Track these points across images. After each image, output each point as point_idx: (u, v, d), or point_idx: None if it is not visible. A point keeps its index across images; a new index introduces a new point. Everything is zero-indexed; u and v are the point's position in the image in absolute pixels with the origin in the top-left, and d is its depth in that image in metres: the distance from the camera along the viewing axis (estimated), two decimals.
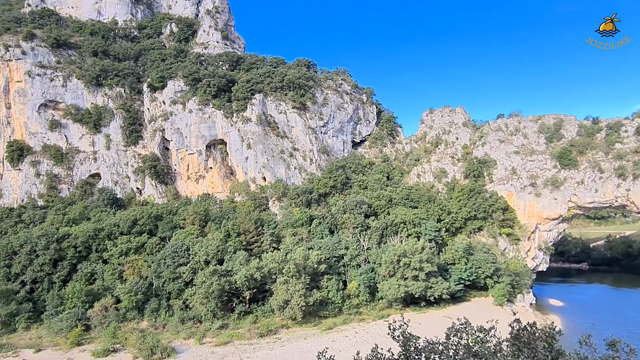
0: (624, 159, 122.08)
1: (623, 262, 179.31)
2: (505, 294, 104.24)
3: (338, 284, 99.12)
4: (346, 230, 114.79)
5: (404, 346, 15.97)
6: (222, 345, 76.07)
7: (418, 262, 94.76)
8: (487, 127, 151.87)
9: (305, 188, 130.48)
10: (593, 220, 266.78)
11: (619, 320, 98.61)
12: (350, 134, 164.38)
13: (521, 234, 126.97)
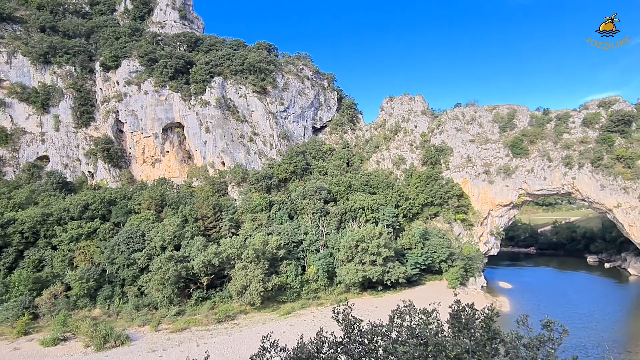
0: (570, 148, 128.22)
1: (567, 246, 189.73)
2: (459, 277, 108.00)
3: (297, 269, 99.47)
4: (305, 215, 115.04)
5: (346, 330, 16.08)
6: (179, 332, 74.92)
7: (376, 247, 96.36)
8: (445, 115, 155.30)
9: (265, 173, 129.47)
10: (541, 206, 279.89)
11: (562, 301, 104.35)
12: (311, 120, 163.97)
13: (475, 219, 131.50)
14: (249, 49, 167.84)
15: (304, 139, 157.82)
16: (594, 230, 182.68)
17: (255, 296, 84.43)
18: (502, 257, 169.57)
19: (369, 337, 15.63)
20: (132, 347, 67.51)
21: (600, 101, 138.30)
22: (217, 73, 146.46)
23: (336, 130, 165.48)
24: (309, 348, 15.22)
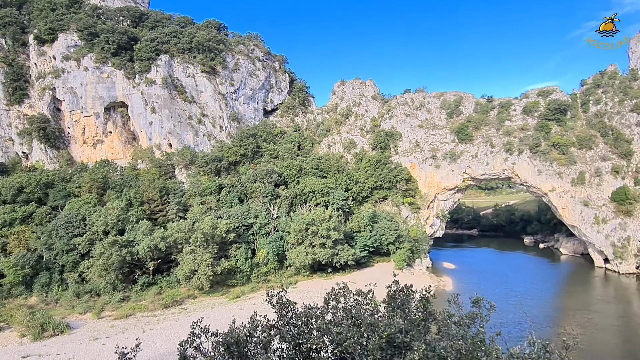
0: (511, 135, 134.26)
1: (507, 228, 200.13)
2: (405, 259, 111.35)
3: (247, 252, 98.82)
4: (256, 199, 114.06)
5: (279, 313, 16.03)
6: (123, 318, 72.76)
7: (325, 230, 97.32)
8: (395, 101, 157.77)
9: (214, 156, 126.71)
10: (484, 190, 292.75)
11: (501, 280, 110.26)
12: (262, 102, 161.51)
13: (422, 202, 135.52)
14: (198, 27, 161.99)
15: (254, 121, 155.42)
16: (531, 213, 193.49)
17: (204, 280, 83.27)
18: (446, 239, 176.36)
19: (304, 319, 15.62)
20: (72, 336, 64.86)
21: (539, 90, 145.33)
22: (164, 51, 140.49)
23: (287, 113, 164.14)
24: (239, 332, 14.98)
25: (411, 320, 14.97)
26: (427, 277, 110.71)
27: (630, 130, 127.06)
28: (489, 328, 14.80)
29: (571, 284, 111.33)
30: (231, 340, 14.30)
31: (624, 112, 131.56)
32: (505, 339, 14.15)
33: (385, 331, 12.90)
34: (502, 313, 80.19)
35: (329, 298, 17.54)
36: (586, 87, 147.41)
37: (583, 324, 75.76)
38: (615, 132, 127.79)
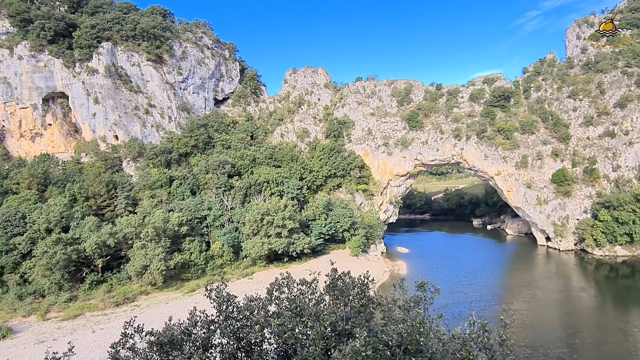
0: (459, 121, 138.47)
1: (457, 211, 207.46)
2: (360, 245, 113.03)
3: (201, 245, 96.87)
4: (209, 190, 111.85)
5: (218, 307, 15.63)
6: (71, 319, 69.55)
7: (281, 219, 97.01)
8: (347, 89, 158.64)
9: (164, 147, 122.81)
10: (435, 175, 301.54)
11: (452, 262, 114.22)
12: (212, 91, 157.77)
13: (375, 189, 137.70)
14: (142, 13, 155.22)
15: (205, 111, 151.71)
16: (479, 196, 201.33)
17: (157, 275, 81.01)
18: (400, 224, 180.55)
19: (246, 312, 15.33)
20: (15, 340, 61.39)
21: (484, 78, 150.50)
22: (106, 38, 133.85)
23: (239, 102, 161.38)
24: (173, 331, 14.37)
25: (353, 308, 15.03)
26: (382, 262, 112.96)
27: (568, 115, 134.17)
28: (440, 309, 15.30)
29: (516, 263, 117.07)
30: (164, 339, 13.68)
31: (562, 98, 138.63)
32: (450, 320, 14.47)
33: (327, 320, 12.87)
34: (453, 294, 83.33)
35: (272, 289, 17.29)
36: (527, 75, 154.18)
37: (528, 299, 79.93)
38: (554, 117, 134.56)
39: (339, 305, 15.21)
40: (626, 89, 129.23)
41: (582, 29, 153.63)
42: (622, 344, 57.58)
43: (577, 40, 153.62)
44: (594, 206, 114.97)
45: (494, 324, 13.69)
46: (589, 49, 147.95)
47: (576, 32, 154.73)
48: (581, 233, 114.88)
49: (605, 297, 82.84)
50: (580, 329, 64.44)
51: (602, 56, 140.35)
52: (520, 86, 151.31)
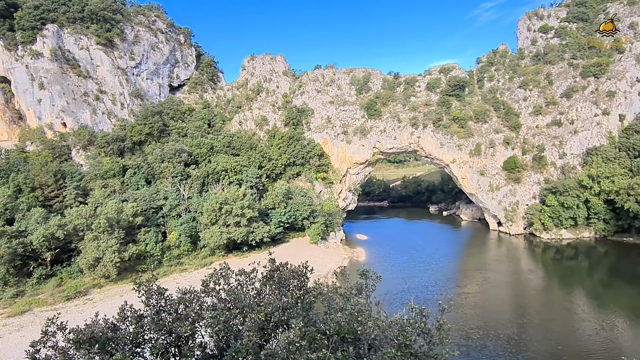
0: (416, 110, 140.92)
1: (414, 198, 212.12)
2: (320, 232, 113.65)
3: (157, 235, 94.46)
4: (165, 179, 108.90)
5: (147, 302, 15.10)
6: (18, 315, 66.39)
7: (240, 208, 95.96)
8: (306, 77, 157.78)
9: (116, 135, 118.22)
10: (393, 163, 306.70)
11: (409, 247, 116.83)
12: (167, 78, 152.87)
13: (334, 177, 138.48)
14: None
15: (159, 97, 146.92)
16: (435, 183, 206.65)
17: (110, 268, 78.37)
18: (359, 211, 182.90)
19: (180, 306, 14.90)
20: None
21: (441, 67, 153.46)
22: (51, 20, 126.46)
23: (195, 89, 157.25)
24: (94, 328, 13.66)
25: (292, 298, 14.94)
26: (341, 249, 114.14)
27: (519, 105, 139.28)
28: (396, 295, 15.46)
29: (470, 247, 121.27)
30: (84, 337, 13.00)
31: (513, 88, 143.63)
32: (404, 306, 14.65)
33: (262, 311, 12.74)
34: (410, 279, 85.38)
35: (208, 281, 16.80)
36: (481, 65, 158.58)
37: (481, 282, 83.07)
38: (506, 107, 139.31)
39: (277, 296, 15.05)
40: (572, 80, 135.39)
41: (532, 22, 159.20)
42: (566, 322, 60.92)
43: (527, 32, 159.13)
44: (542, 192, 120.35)
45: (430, 310, 14.00)
46: (539, 40, 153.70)
47: (527, 24, 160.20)
48: (530, 218, 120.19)
49: (552, 278, 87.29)
50: (529, 309, 67.66)
51: (551, 48, 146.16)
52: (475, 76, 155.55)
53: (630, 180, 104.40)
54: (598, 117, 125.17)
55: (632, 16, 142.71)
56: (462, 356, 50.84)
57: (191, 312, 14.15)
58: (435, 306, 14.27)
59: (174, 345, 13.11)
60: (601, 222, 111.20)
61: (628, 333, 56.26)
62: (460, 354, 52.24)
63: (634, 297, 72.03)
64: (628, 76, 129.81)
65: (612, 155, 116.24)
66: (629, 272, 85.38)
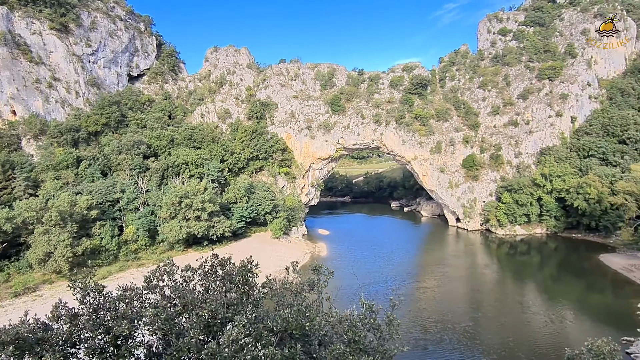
0: (380, 107, 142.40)
1: (376, 194, 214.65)
2: (282, 227, 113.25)
3: (113, 229, 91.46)
4: (122, 172, 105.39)
5: (82, 300, 14.38)
6: None
7: (200, 202, 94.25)
8: (270, 70, 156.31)
9: (70, 125, 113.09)
10: (356, 159, 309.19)
11: (370, 242, 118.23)
12: (126, 67, 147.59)
13: (297, 172, 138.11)
14: None
15: (117, 87, 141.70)
16: (397, 179, 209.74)
17: (62, 263, 75.43)
18: (322, 207, 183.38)
19: (120, 303, 14.29)
20: None
21: (404, 65, 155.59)
22: (0, 2, 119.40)
23: (156, 79, 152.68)
24: (19, 329, 12.80)
25: (238, 293, 14.59)
26: (303, 244, 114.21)
27: (478, 105, 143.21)
28: (357, 290, 15.33)
29: (430, 243, 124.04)
30: (7, 338, 12.15)
31: (473, 88, 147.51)
32: (351, 301, 14.62)
33: (206, 308, 12.39)
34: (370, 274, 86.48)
35: (151, 277, 16.09)
36: (443, 64, 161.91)
37: (439, 277, 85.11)
38: (466, 106, 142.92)
39: (223, 292, 14.66)
40: (528, 82, 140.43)
41: (492, 24, 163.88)
42: (518, 315, 63.31)
43: (487, 34, 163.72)
44: (498, 189, 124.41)
45: (380, 306, 13.96)
46: (498, 42, 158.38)
47: (487, 27, 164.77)
48: (486, 214, 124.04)
49: (505, 272, 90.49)
50: (484, 303, 69.90)
51: (509, 50, 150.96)
52: (437, 75, 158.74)
53: (579, 180, 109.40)
54: (552, 118, 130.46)
55: (584, 22, 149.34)
56: (419, 349, 51.91)
57: (128, 310, 13.48)
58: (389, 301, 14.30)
59: (112, 345, 12.50)
60: (552, 219, 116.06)
61: (575, 325, 59.08)
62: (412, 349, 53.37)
63: (580, 290, 75.74)
64: (580, 80, 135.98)
65: (563, 155, 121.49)
66: (577, 266, 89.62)
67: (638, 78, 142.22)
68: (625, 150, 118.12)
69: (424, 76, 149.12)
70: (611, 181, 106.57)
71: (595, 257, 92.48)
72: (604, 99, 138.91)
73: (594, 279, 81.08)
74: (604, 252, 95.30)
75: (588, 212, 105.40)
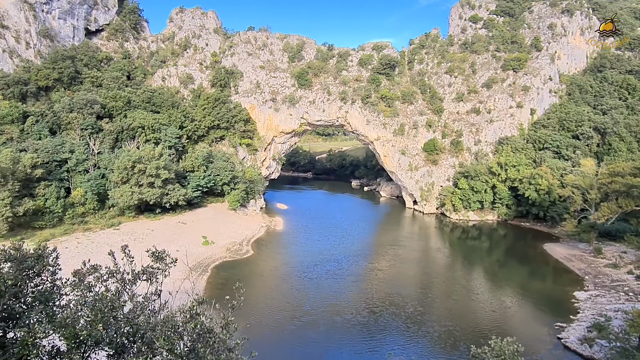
0: (347, 85, 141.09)
1: (338, 172, 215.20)
2: (240, 199, 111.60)
3: (59, 191, 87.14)
4: (73, 131, 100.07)
5: None
6: None
7: (155, 168, 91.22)
8: (238, 37, 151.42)
9: (18, 77, 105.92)
10: (321, 136, 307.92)
11: (329, 219, 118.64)
12: (84, 20, 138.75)
13: (259, 145, 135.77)
14: None
15: (73, 41, 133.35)
16: (359, 159, 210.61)
17: (1, 223, 71.30)
18: (283, 181, 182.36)
19: None
20: None
21: (374, 45, 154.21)
22: None
23: (115, 36, 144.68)
24: None
25: None
26: (259, 217, 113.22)
27: (443, 90, 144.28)
28: (308, 269, 14.07)
29: (386, 223, 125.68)
30: None
31: (440, 73, 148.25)
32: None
33: None
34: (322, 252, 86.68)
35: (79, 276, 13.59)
36: (413, 47, 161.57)
37: (392, 258, 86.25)
38: (431, 91, 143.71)
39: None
40: (493, 71, 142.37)
41: (465, 10, 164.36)
42: (464, 300, 64.97)
43: (459, 19, 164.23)
44: (456, 175, 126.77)
45: (219, 306, 12.37)
46: (468, 29, 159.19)
47: (459, 12, 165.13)
48: (443, 198, 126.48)
49: (456, 256, 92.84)
50: (432, 286, 71.37)
51: (478, 38, 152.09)
52: (406, 57, 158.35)
53: (532, 171, 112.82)
54: (512, 109, 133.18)
55: (552, 17, 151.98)
56: (364, 333, 52.34)
57: None
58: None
59: None
60: (504, 207, 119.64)
61: (516, 311, 61.25)
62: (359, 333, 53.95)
63: (524, 277, 78.71)
64: (542, 73, 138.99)
65: (520, 145, 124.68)
66: (523, 254, 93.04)
67: (596, 76, 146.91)
68: (578, 145, 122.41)
69: (393, 57, 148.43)
70: (561, 174, 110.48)
71: (540, 245, 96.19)
72: (563, 94, 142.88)
73: (537, 266, 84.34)
74: (549, 242, 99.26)
75: (537, 202, 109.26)
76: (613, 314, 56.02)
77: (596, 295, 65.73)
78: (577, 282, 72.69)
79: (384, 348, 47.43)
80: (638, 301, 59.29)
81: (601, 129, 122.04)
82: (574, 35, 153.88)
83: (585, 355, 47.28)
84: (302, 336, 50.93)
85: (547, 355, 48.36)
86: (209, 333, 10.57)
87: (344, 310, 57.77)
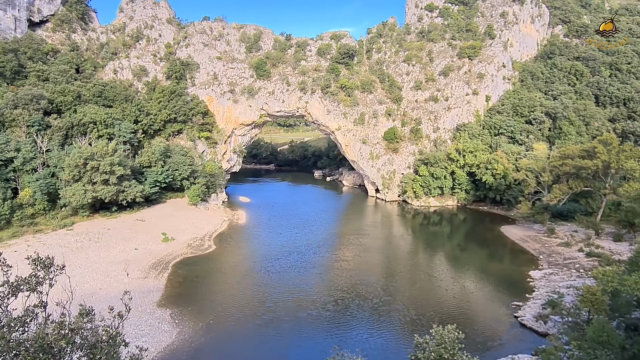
0: (306, 75, 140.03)
1: (301, 163, 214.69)
2: (200, 194, 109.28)
3: (6, 192, 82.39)
4: (18, 128, 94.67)
5: None
6: None
7: (108, 165, 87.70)
8: (192, 28, 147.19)
9: None
10: (283, 127, 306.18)
11: (292, 211, 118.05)
12: (26, 10, 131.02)
13: (219, 137, 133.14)
14: None
15: (15, 33, 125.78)
16: (321, 149, 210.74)
17: None
18: (245, 174, 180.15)
19: None
20: None
21: (332, 34, 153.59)
22: None
23: (62, 27, 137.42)
24: None
25: None
26: (221, 211, 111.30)
27: (402, 79, 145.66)
28: (270, 261, 13.46)
29: (349, 212, 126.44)
30: None
31: (398, 61, 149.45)
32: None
33: None
34: (285, 245, 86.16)
35: None
36: (371, 36, 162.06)
37: (355, 246, 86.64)
38: (390, 79, 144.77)
39: None
40: (450, 59, 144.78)
41: None
42: (426, 286, 65.90)
43: (415, 8, 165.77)
44: (416, 162, 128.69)
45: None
46: (424, 18, 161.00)
47: (415, 1, 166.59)
48: (404, 186, 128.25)
49: (418, 242, 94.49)
50: (397, 273, 72.12)
51: (434, 27, 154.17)
52: (364, 46, 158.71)
53: (489, 156, 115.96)
54: (469, 96, 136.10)
55: (504, 5, 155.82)
56: (330, 328, 52.10)
57: None
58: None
59: None
60: (463, 192, 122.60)
61: (476, 293, 62.83)
62: (323, 324, 53.91)
63: (483, 259, 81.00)
64: (496, 61, 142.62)
65: (476, 132, 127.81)
66: (481, 237, 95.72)
67: (547, 63, 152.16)
68: (531, 130, 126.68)
69: (351, 46, 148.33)
70: (516, 158, 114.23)
71: (498, 228, 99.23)
72: (516, 80, 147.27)
73: (495, 248, 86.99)
74: (506, 224, 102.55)
75: (494, 187, 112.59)
76: (565, 290, 58.41)
77: (550, 274, 68.38)
78: (532, 262, 75.43)
79: (348, 342, 47.10)
80: (588, 277, 61.91)
81: (552, 114, 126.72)
82: (525, 23, 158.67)
83: (540, 332, 49.04)
84: (265, 334, 50.05)
85: (506, 335, 49.84)
86: (93, 349, 9.52)
87: (308, 305, 57.14)
